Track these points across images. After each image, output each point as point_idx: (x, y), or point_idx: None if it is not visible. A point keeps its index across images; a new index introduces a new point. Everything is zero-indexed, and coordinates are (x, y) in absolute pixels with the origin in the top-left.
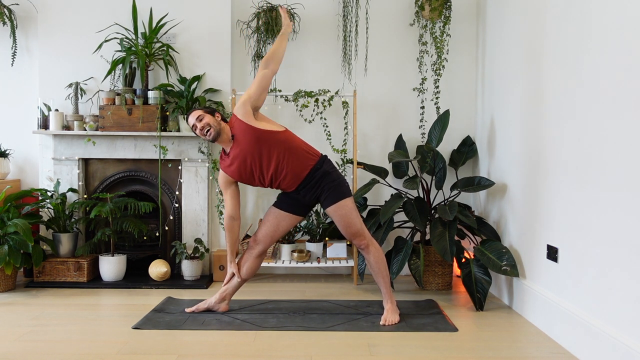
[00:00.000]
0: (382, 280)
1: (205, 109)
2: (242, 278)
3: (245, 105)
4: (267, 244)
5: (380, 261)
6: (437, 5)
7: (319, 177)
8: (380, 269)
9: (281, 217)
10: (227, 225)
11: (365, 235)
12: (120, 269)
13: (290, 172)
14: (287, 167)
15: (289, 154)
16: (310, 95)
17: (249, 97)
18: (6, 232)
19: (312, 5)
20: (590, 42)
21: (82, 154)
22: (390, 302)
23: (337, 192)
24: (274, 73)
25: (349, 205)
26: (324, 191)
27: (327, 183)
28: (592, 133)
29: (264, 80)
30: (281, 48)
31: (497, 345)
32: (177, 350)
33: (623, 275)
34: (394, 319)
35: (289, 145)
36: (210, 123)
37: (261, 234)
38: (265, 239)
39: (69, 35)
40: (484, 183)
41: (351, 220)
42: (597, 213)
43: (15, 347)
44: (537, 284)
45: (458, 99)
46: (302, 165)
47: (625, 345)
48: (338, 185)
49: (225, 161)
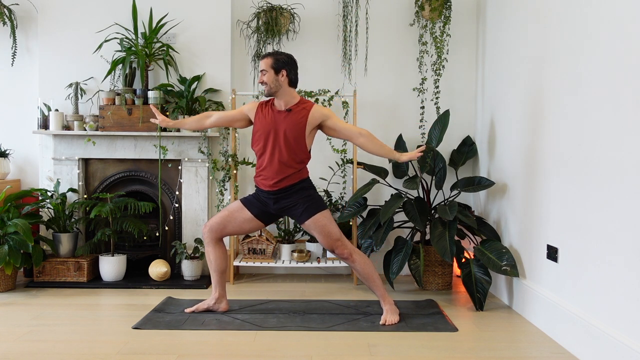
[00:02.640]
0: (372, 285)
1: (277, 61)
2: (217, 269)
3: (323, 117)
4: (219, 232)
5: (367, 267)
6: (437, 5)
7: (298, 189)
8: (369, 275)
9: (241, 211)
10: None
11: (345, 245)
12: (120, 269)
13: (281, 164)
14: (284, 161)
15: (290, 162)
16: (310, 95)
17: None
18: (6, 232)
19: (312, 5)
20: (590, 42)
21: (82, 154)
22: (387, 304)
23: (313, 206)
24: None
25: (327, 216)
26: (299, 205)
27: (302, 197)
28: (592, 133)
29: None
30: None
31: (497, 345)
32: (177, 350)
33: (623, 275)
34: (394, 319)
35: (299, 155)
36: (268, 81)
37: (214, 220)
38: (217, 226)
39: (69, 35)
40: (484, 183)
41: (330, 230)
42: (597, 213)
43: (15, 347)
44: (537, 284)
45: (458, 99)
46: (292, 178)
47: (625, 345)
48: (314, 200)
49: (265, 108)
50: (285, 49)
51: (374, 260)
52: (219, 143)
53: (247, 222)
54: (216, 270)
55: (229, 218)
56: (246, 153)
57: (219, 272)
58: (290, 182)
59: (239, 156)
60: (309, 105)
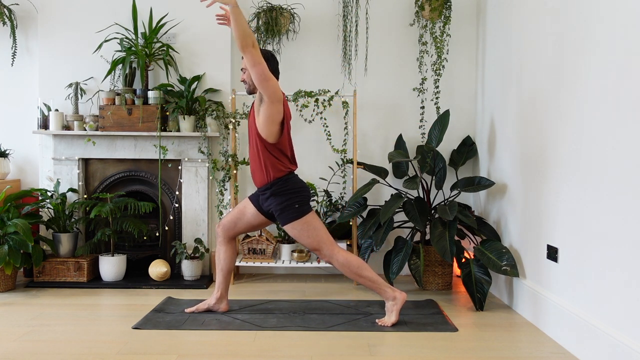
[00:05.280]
0: (363, 281)
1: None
2: (224, 269)
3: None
4: (231, 230)
5: (347, 266)
6: (437, 5)
7: (272, 193)
8: (353, 273)
9: (248, 206)
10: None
11: (322, 251)
12: (120, 269)
13: (253, 166)
14: (252, 161)
15: (258, 158)
16: (310, 95)
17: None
18: (6, 232)
19: (312, 5)
20: (590, 42)
21: (82, 154)
22: (389, 300)
23: (283, 216)
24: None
25: (297, 227)
26: (276, 211)
27: (276, 204)
28: (592, 133)
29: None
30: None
31: (497, 345)
32: (177, 350)
33: (623, 275)
34: (389, 320)
35: (259, 152)
36: (247, 80)
37: (226, 218)
38: (229, 224)
39: (69, 35)
40: (484, 183)
41: (302, 240)
42: (597, 213)
43: (15, 347)
44: (537, 284)
45: (458, 99)
46: (262, 176)
47: (625, 345)
48: (284, 209)
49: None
50: (285, 49)
51: (374, 260)
52: (219, 143)
53: (254, 217)
54: (223, 270)
55: (239, 215)
56: (246, 153)
57: (225, 273)
58: (263, 182)
59: (239, 156)
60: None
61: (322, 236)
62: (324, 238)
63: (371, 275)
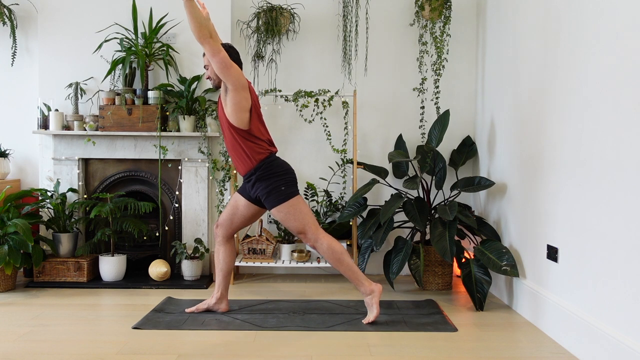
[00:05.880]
0: (343, 269)
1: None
2: (224, 269)
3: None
4: (228, 228)
5: (330, 252)
6: (437, 5)
7: (255, 181)
8: (335, 259)
9: (239, 199)
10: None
11: (307, 235)
12: (120, 269)
13: (234, 158)
14: (232, 152)
15: (235, 148)
16: (310, 95)
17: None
18: (6, 232)
19: (312, 5)
20: (589, 42)
21: (82, 154)
22: (366, 294)
23: (270, 199)
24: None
25: (283, 210)
26: (262, 196)
27: (261, 189)
28: (592, 132)
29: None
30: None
31: (497, 345)
32: (177, 350)
33: (623, 275)
34: (372, 315)
35: (236, 141)
36: (211, 75)
37: (221, 217)
38: (225, 222)
39: (69, 35)
40: (484, 183)
41: (289, 223)
42: (597, 213)
43: (15, 347)
44: (537, 284)
45: (458, 99)
46: (244, 163)
47: (625, 345)
48: (270, 192)
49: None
50: (285, 48)
51: (374, 260)
52: (219, 143)
53: (247, 208)
54: (223, 270)
55: (232, 210)
56: None
57: (225, 273)
58: (247, 169)
59: None
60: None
61: (307, 220)
62: (309, 221)
63: (351, 264)
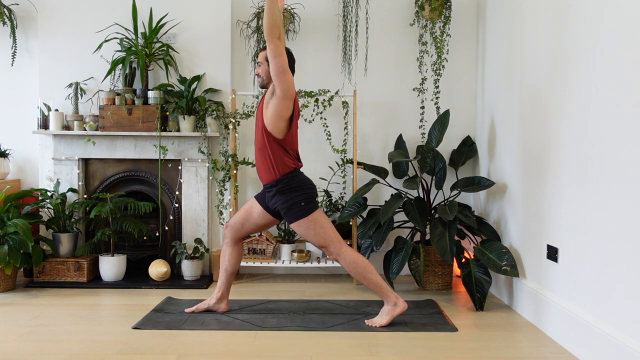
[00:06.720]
0: (367, 283)
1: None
2: (228, 270)
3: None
4: (238, 231)
5: (353, 266)
6: (437, 5)
7: (278, 191)
8: (359, 274)
9: (255, 206)
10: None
11: (328, 249)
12: (120, 269)
13: (258, 161)
14: (258, 154)
15: (263, 153)
16: (310, 95)
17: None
18: (6, 232)
19: (312, 5)
20: (589, 42)
21: (82, 154)
22: (389, 304)
23: (290, 214)
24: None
25: (304, 225)
26: (282, 209)
27: (281, 201)
28: (592, 132)
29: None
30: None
31: (497, 345)
32: (177, 350)
33: (623, 275)
34: (380, 321)
35: (265, 146)
36: (262, 74)
37: (233, 219)
38: (236, 225)
39: (69, 35)
40: (484, 183)
41: (310, 238)
42: (597, 213)
43: (15, 347)
44: (537, 284)
45: (458, 99)
46: (268, 172)
47: (625, 345)
48: (290, 207)
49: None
50: None
51: (374, 260)
52: (219, 143)
53: (261, 217)
54: (227, 270)
55: (246, 215)
56: (246, 153)
57: (229, 274)
58: (269, 178)
59: (239, 156)
60: (269, 91)
61: (329, 234)
62: (331, 236)
63: (377, 280)
